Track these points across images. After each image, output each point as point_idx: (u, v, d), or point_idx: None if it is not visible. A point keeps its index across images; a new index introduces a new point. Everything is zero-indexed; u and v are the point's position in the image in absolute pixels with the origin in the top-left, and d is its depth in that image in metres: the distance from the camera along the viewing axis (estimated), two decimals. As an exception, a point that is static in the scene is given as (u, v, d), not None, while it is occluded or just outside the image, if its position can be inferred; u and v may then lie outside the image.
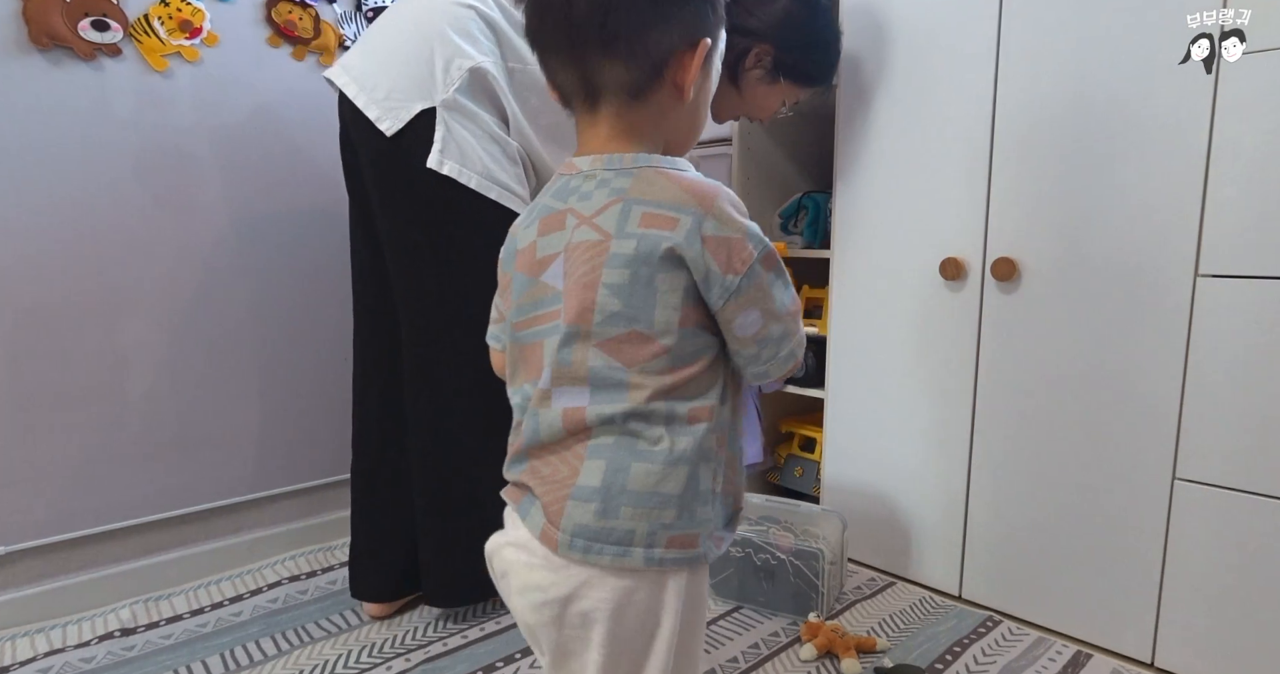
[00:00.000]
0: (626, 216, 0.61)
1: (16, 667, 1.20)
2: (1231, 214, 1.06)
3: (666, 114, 0.66)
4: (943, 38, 1.34)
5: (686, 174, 0.63)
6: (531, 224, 0.67)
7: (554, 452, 0.63)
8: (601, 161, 0.64)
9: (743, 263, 0.60)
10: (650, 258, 0.59)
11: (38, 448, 1.32)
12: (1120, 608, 1.21)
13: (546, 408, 0.63)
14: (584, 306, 0.61)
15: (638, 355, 0.60)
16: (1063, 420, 1.25)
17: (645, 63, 0.62)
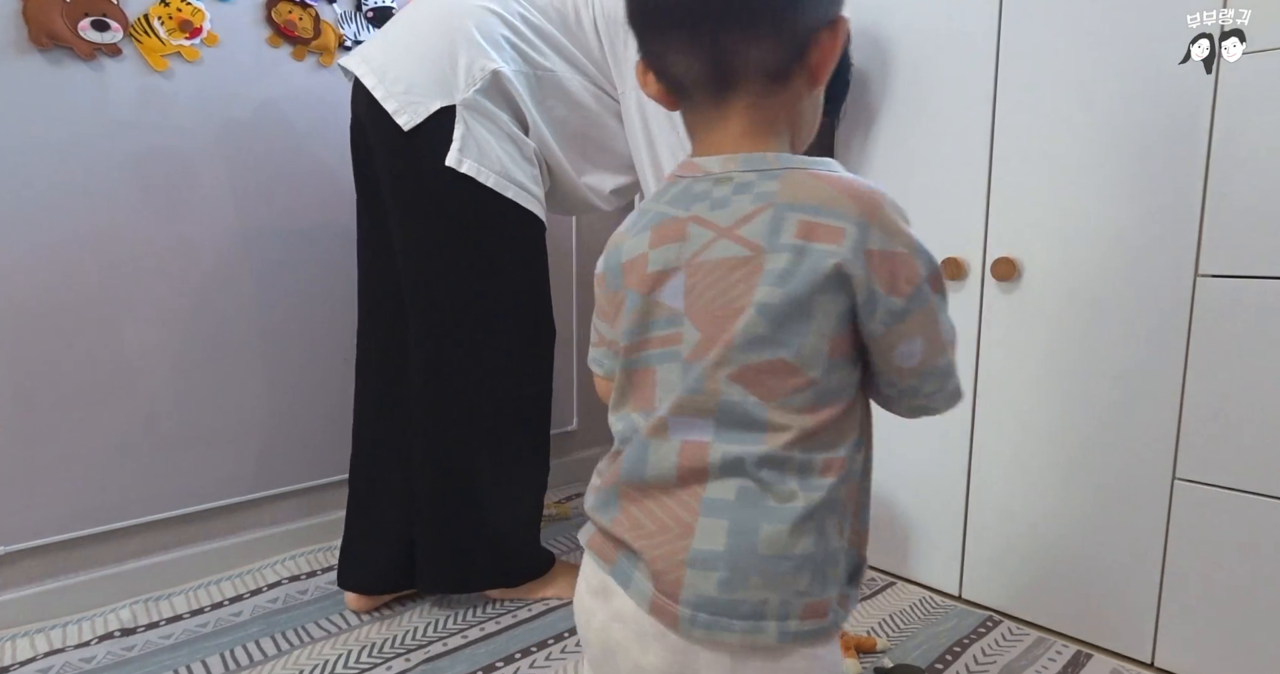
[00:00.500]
0: (779, 226, 0.52)
1: (16, 667, 1.20)
2: (1231, 214, 1.06)
3: (799, 103, 0.57)
4: (943, 37, 1.34)
5: (841, 174, 0.54)
6: (641, 232, 0.58)
7: (658, 498, 0.54)
8: (737, 162, 0.55)
9: (909, 283, 0.52)
10: (812, 276, 0.51)
11: (38, 448, 1.32)
12: (1120, 608, 1.21)
13: (661, 440, 0.54)
14: (722, 329, 0.53)
15: (779, 388, 0.52)
16: (1063, 420, 1.25)
17: (791, 41, 0.53)
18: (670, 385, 0.55)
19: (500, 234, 1.21)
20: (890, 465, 1.50)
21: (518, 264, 1.25)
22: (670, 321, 0.56)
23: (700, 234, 0.55)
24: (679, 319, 0.55)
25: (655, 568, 0.52)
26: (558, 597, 1.41)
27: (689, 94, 0.57)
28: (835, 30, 0.54)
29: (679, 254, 0.55)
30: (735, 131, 0.56)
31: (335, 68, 1.58)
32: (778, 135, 0.57)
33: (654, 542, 0.53)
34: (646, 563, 0.53)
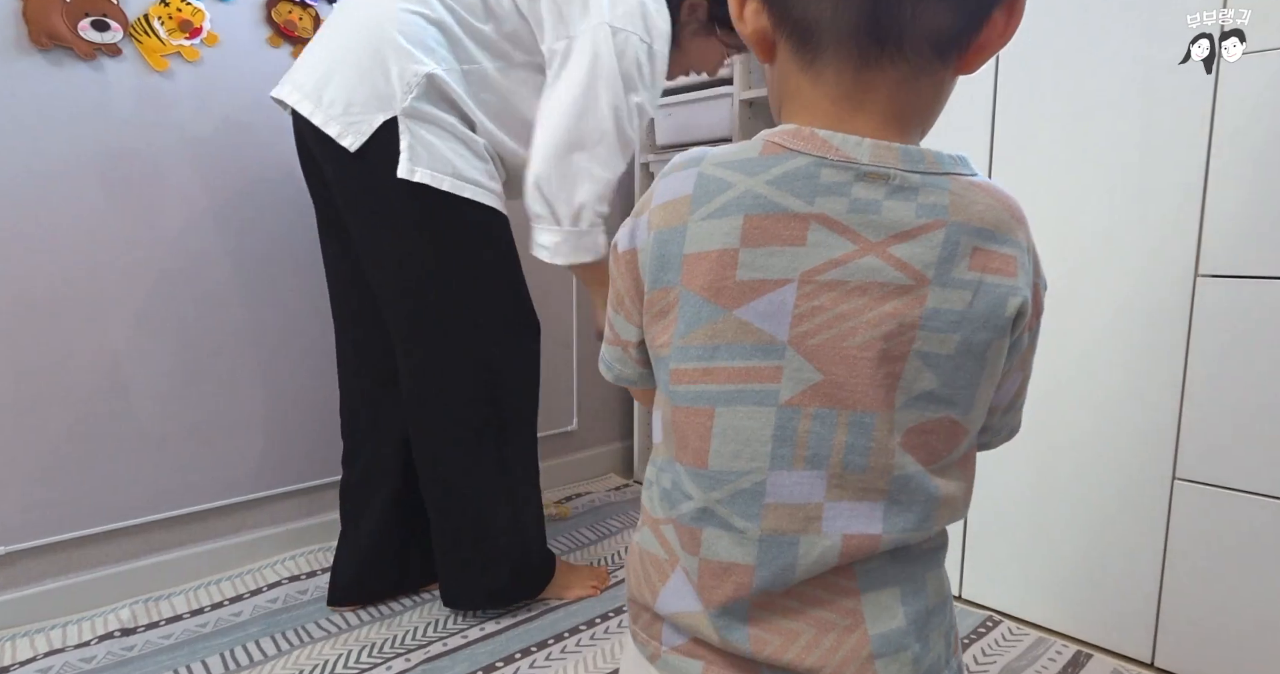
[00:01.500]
0: (954, 253, 0.40)
1: (16, 667, 1.20)
2: (1231, 214, 1.06)
3: (944, 90, 0.46)
4: (943, 38, 1.34)
5: (993, 184, 0.44)
6: (724, 216, 0.42)
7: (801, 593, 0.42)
8: (894, 155, 0.41)
9: (1036, 317, 0.45)
10: (993, 318, 0.41)
11: (38, 448, 1.32)
12: (1120, 608, 1.21)
13: (815, 535, 0.41)
14: (886, 384, 0.41)
15: (943, 449, 0.43)
16: (1062, 420, 1.25)
17: (974, 9, 0.41)
18: (748, 438, 0.42)
19: (467, 234, 1.20)
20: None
21: (489, 260, 1.24)
22: (763, 352, 0.41)
23: (832, 243, 0.41)
24: (777, 351, 0.41)
25: (836, 665, 0.41)
26: (579, 597, 1.41)
27: (821, 48, 0.42)
28: (1013, 10, 0.43)
29: (790, 262, 0.41)
30: (880, 111, 0.43)
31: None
32: (918, 128, 0.46)
33: (822, 649, 0.42)
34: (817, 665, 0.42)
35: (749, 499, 0.42)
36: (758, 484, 0.42)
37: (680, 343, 0.43)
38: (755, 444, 0.41)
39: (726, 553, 0.42)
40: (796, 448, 0.41)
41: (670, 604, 0.45)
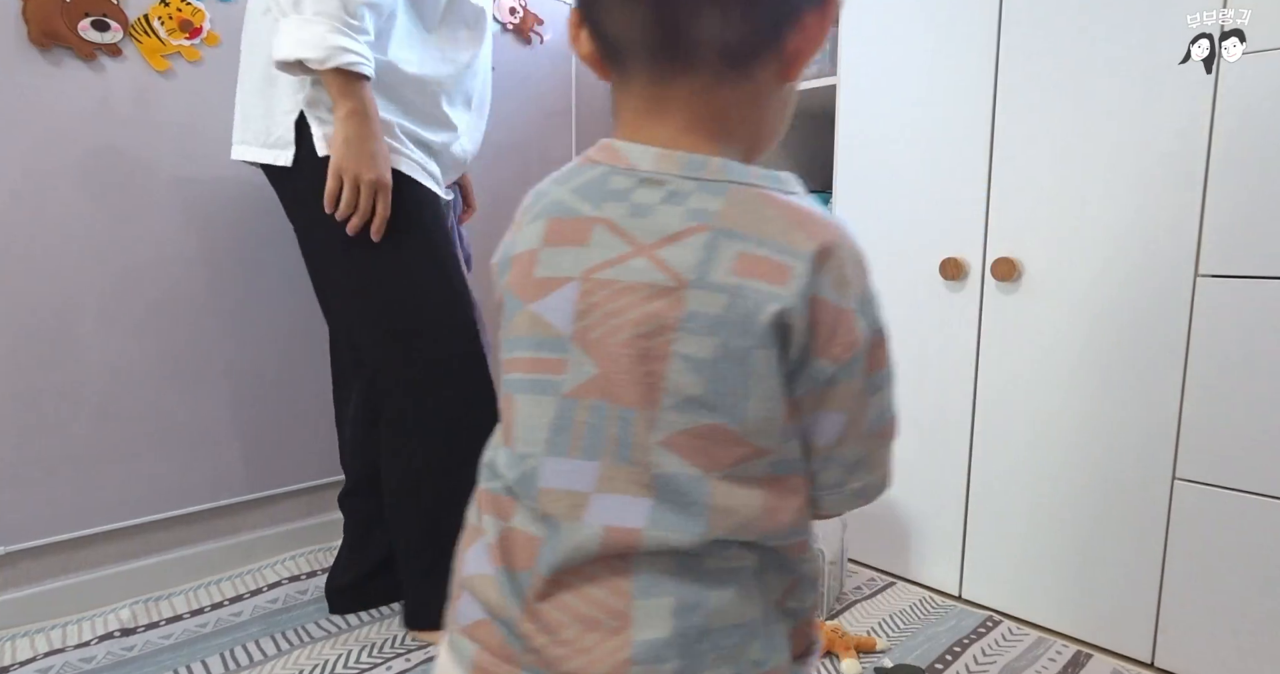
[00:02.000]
0: (714, 256, 0.41)
1: (16, 667, 1.20)
2: (1231, 214, 1.06)
3: (763, 99, 0.46)
4: (942, 36, 1.34)
5: (800, 201, 0.43)
6: (534, 221, 0.46)
7: (575, 587, 0.43)
8: (675, 163, 0.43)
9: (845, 348, 0.42)
10: (749, 324, 0.40)
11: (38, 448, 1.32)
12: (1120, 608, 1.21)
13: (575, 523, 0.42)
14: (647, 382, 0.41)
15: (725, 458, 0.42)
16: (1062, 420, 1.25)
17: (764, 15, 0.42)
18: (536, 427, 0.44)
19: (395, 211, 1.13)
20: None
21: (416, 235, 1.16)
22: (553, 345, 0.43)
23: (610, 243, 0.43)
24: (561, 345, 0.43)
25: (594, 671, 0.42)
26: None
27: (624, 63, 0.44)
28: (824, 12, 0.43)
29: (575, 261, 0.43)
30: (675, 121, 0.44)
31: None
32: (730, 138, 0.45)
33: (580, 645, 0.42)
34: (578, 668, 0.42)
35: (530, 482, 0.44)
36: (534, 469, 0.44)
37: (502, 335, 0.47)
38: (536, 431, 0.44)
39: (522, 524, 0.45)
40: (572, 437, 0.43)
41: (470, 566, 0.47)
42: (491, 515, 0.47)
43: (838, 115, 1.51)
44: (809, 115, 1.80)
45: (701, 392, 0.41)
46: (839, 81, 1.50)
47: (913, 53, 1.38)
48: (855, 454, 0.45)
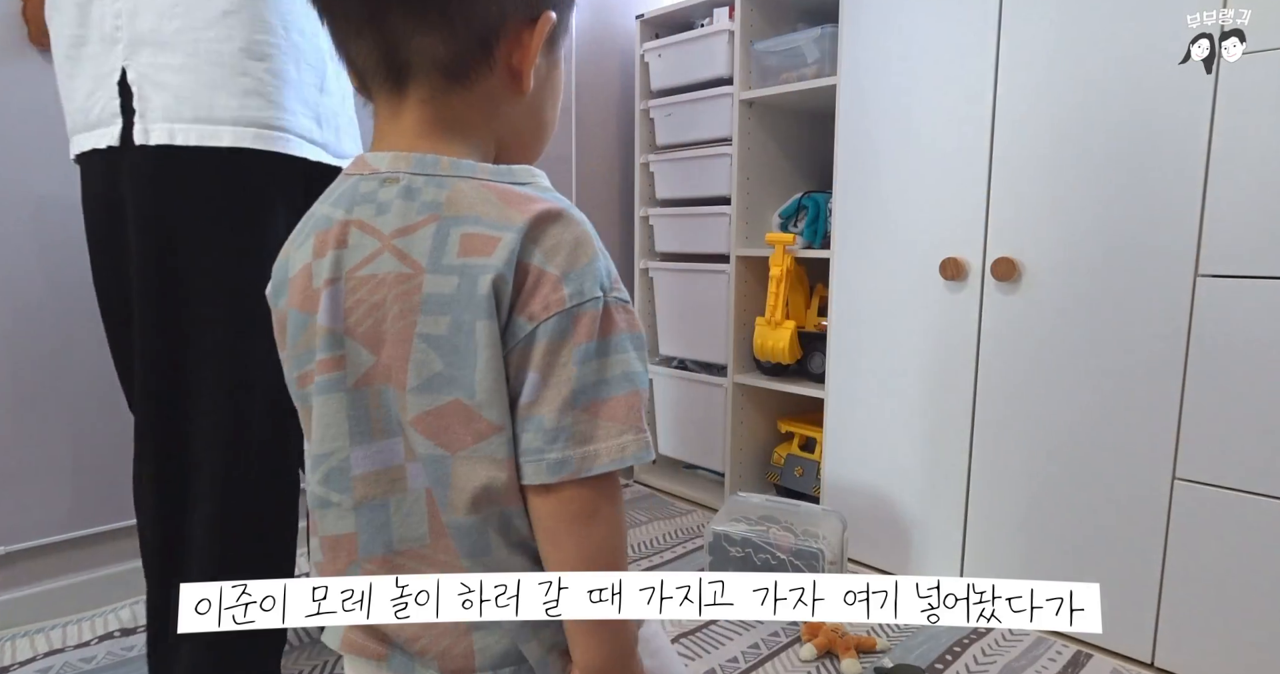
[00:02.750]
0: (444, 242, 0.44)
1: (16, 667, 1.20)
2: (1231, 214, 1.06)
3: (499, 107, 0.50)
4: (943, 37, 1.34)
5: (522, 188, 0.47)
6: (305, 241, 0.49)
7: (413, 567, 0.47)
8: (407, 162, 0.47)
9: (542, 308, 0.43)
10: (471, 298, 0.43)
11: (38, 448, 1.32)
12: (1120, 608, 1.21)
13: (400, 496, 0.46)
14: (394, 364, 0.45)
15: (463, 437, 0.44)
16: (1063, 420, 1.25)
17: (468, 34, 0.47)
18: (335, 424, 0.47)
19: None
20: (890, 465, 1.50)
21: None
22: (330, 345, 0.46)
23: (363, 242, 0.46)
24: (339, 341, 0.46)
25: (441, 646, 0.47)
26: None
27: (369, 85, 0.50)
28: (536, 28, 0.48)
29: (337, 263, 0.47)
30: (411, 129, 0.48)
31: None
32: (466, 140, 0.49)
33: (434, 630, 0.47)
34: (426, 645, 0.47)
35: (340, 475, 0.47)
36: (343, 461, 0.47)
37: (289, 354, 0.49)
38: (335, 426, 0.47)
39: (334, 527, 0.48)
40: (372, 422, 0.47)
41: None
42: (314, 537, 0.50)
43: (838, 115, 1.51)
44: (809, 115, 1.81)
45: (443, 368, 0.44)
46: (839, 81, 1.50)
47: (913, 53, 1.38)
48: (555, 422, 0.44)
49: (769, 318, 1.67)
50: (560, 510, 0.45)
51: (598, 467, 0.44)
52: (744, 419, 1.85)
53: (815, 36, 1.59)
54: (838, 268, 1.54)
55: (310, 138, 0.92)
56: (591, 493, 0.45)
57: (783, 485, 1.82)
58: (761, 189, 1.79)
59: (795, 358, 1.68)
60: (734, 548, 1.38)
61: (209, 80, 0.83)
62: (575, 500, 0.45)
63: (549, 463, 0.44)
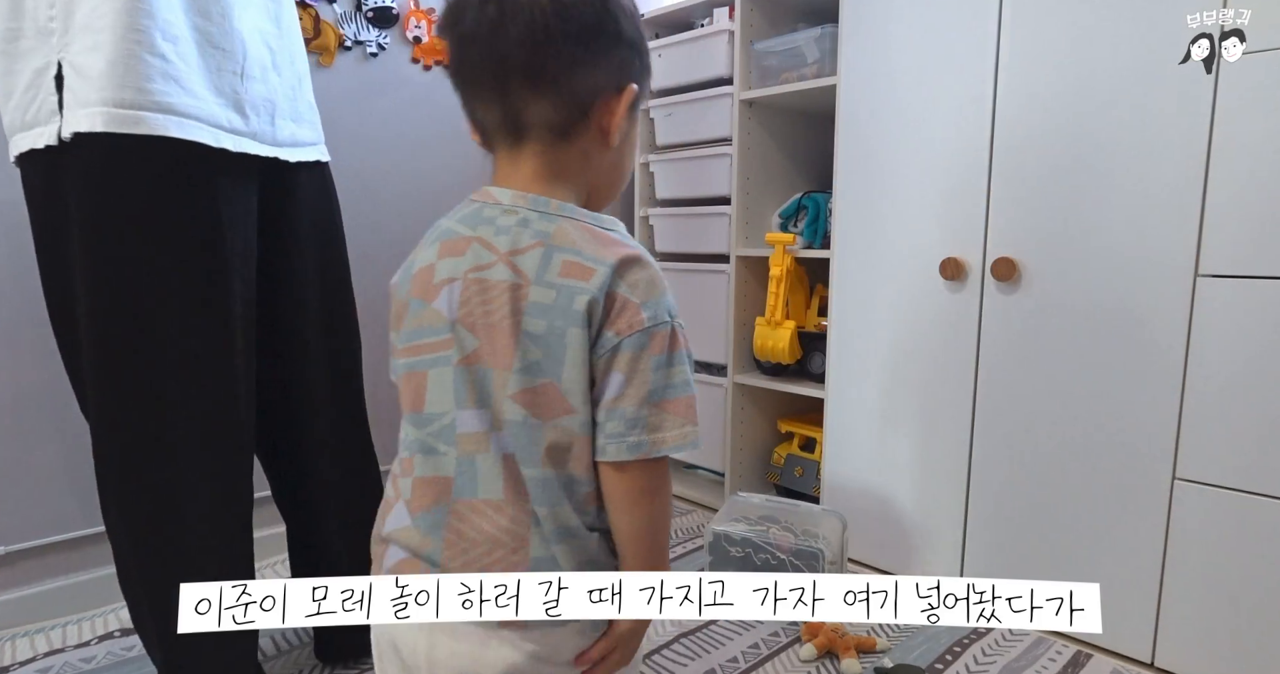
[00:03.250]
0: (548, 263, 0.58)
1: (16, 667, 1.20)
2: (1231, 214, 1.06)
3: (591, 158, 0.64)
4: (943, 38, 1.34)
5: (614, 234, 0.62)
6: (431, 244, 0.64)
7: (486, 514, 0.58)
8: (525, 200, 0.61)
9: (627, 326, 0.57)
10: (567, 310, 0.56)
11: (38, 448, 1.32)
12: (1120, 608, 1.21)
13: (485, 454, 0.59)
14: (506, 349, 0.58)
15: (551, 411, 0.58)
16: (1063, 420, 1.25)
17: (572, 102, 0.61)
18: (444, 391, 0.60)
19: None
20: (890, 465, 1.50)
21: None
22: (441, 329, 0.60)
23: (482, 254, 0.60)
24: (450, 326, 0.60)
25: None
26: None
27: (493, 139, 0.63)
28: (624, 97, 0.62)
29: (456, 266, 0.60)
30: (527, 174, 0.62)
31: (335, 68, 1.58)
32: (568, 185, 0.63)
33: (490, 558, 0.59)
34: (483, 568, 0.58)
35: (449, 431, 0.60)
36: (452, 421, 0.60)
37: (406, 329, 0.63)
38: (446, 392, 0.60)
39: (434, 470, 0.60)
40: (470, 393, 0.59)
41: (391, 524, 0.63)
42: (406, 477, 0.62)
43: (838, 115, 1.51)
44: (809, 115, 1.81)
45: (540, 357, 0.57)
46: (839, 81, 1.50)
47: (913, 53, 1.38)
48: (635, 413, 0.57)
49: (769, 318, 1.67)
50: (631, 485, 0.59)
51: (664, 449, 0.58)
52: (744, 419, 1.85)
53: (815, 36, 1.59)
54: (838, 268, 1.54)
55: (218, 124, 0.90)
56: (655, 471, 0.60)
57: (783, 485, 1.82)
58: (761, 189, 1.79)
59: (795, 358, 1.68)
60: (734, 548, 1.38)
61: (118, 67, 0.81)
62: (642, 476, 0.59)
63: (629, 444, 0.57)
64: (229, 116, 0.91)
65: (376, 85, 1.66)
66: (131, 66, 0.82)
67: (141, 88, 0.82)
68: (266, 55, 0.97)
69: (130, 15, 0.81)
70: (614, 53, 0.62)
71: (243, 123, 0.93)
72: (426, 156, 1.76)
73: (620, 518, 0.60)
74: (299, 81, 1.05)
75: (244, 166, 0.95)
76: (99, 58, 0.81)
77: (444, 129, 1.78)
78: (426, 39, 1.72)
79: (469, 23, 0.59)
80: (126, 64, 0.81)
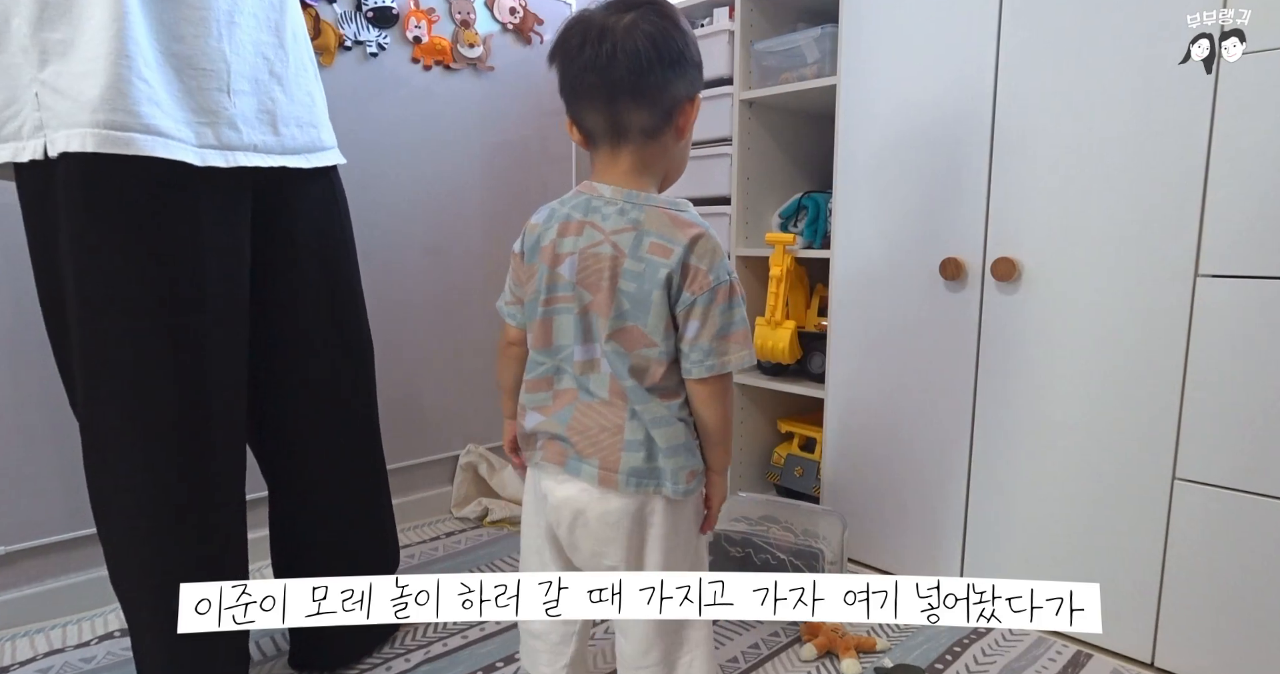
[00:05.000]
0: (639, 243, 0.80)
1: (16, 667, 1.20)
2: (1231, 214, 1.06)
3: (669, 151, 0.85)
4: (943, 38, 1.34)
5: (686, 215, 0.82)
6: (551, 227, 0.84)
7: (599, 411, 0.83)
8: (622, 195, 0.82)
9: (700, 287, 0.79)
10: (653, 278, 0.79)
11: (38, 448, 1.32)
12: (1120, 608, 1.21)
13: (596, 373, 0.83)
14: (606, 302, 0.80)
15: (638, 344, 0.81)
16: (1062, 420, 1.25)
17: (661, 110, 0.81)
18: (567, 331, 0.83)
19: None
20: (890, 465, 1.50)
21: None
22: (564, 287, 0.83)
23: (593, 234, 0.82)
24: (569, 286, 0.82)
25: (601, 454, 0.82)
26: None
27: (595, 140, 0.84)
28: (694, 102, 0.84)
29: (575, 243, 0.82)
30: (624, 169, 0.83)
31: (335, 68, 1.58)
32: (653, 174, 0.85)
33: (599, 442, 0.83)
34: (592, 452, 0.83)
35: (570, 358, 0.84)
36: (571, 351, 0.84)
37: (544, 287, 0.84)
38: (568, 333, 0.83)
39: (565, 384, 0.85)
40: (584, 333, 0.83)
41: (531, 422, 0.87)
42: (536, 392, 0.87)
43: (838, 115, 1.51)
44: (809, 115, 1.81)
45: (629, 308, 0.81)
46: (839, 81, 1.50)
47: (913, 53, 1.38)
48: (710, 346, 0.81)
49: (769, 318, 1.67)
50: (710, 392, 0.83)
51: (729, 367, 0.82)
52: (744, 419, 1.85)
53: (815, 36, 1.59)
54: (838, 268, 1.54)
55: (205, 143, 0.93)
56: (725, 382, 0.85)
57: (783, 485, 1.82)
58: (761, 189, 1.79)
59: (795, 358, 1.68)
60: (734, 548, 1.38)
61: (110, 91, 0.84)
62: (717, 386, 0.84)
63: (706, 366, 0.81)
64: (218, 133, 0.94)
65: (376, 85, 1.66)
66: (123, 91, 0.85)
67: (131, 111, 0.85)
68: (262, 66, 0.99)
69: (119, 42, 0.84)
70: (689, 72, 0.82)
71: (236, 137, 0.96)
72: (426, 156, 1.76)
73: (703, 412, 0.84)
74: (309, 87, 1.07)
75: (236, 180, 0.98)
76: (92, 83, 0.84)
77: (444, 129, 1.78)
78: (426, 39, 1.72)
79: (588, 56, 0.78)
80: (118, 88, 0.84)
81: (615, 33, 0.77)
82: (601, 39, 0.77)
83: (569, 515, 0.86)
